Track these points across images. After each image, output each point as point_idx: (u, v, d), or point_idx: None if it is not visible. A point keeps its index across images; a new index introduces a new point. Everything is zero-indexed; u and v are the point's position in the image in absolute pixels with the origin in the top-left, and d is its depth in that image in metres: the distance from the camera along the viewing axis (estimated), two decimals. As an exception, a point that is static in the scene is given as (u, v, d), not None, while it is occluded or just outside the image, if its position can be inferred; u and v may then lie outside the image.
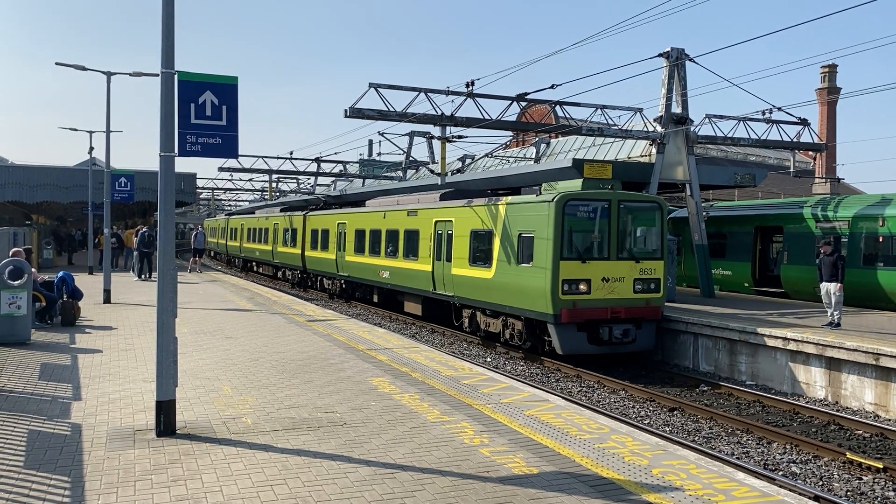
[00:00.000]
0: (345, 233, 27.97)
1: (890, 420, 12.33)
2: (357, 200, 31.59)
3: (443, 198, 21.44)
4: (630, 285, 16.08)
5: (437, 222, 20.67)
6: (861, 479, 9.41)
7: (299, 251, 33.67)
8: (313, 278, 33.16)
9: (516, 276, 16.83)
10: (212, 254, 64.32)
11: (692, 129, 22.38)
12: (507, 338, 17.78)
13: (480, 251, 18.45)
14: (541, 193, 17.12)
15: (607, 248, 16.00)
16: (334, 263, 28.95)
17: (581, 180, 16.59)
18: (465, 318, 19.63)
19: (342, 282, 28.98)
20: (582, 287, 15.67)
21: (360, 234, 26.48)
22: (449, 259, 19.77)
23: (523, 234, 16.63)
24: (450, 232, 19.89)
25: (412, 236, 22.12)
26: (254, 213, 46.87)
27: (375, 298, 25.84)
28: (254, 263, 45.35)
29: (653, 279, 16.31)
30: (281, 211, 39.50)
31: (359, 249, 26.39)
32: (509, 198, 17.72)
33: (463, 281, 19.08)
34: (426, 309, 21.90)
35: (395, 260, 23.20)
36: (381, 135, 35.02)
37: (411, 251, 22.13)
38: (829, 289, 15.26)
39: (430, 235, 20.82)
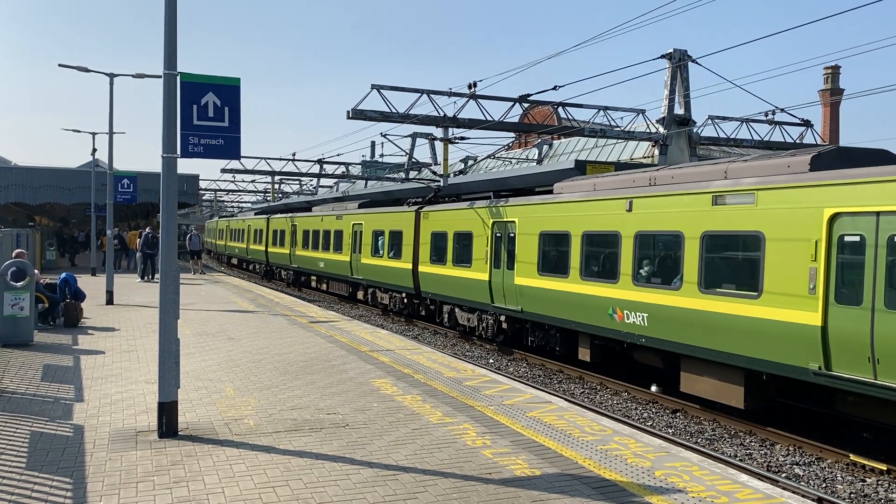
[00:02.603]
0: (512, 236, 17.03)
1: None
2: (522, 187, 18.95)
3: (817, 166, 10.48)
4: None
5: (838, 219, 9.63)
6: (865, 481, 9.38)
7: (408, 265, 22.19)
8: (433, 306, 21.84)
9: None
10: (234, 261, 53.98)
11: (695, 130, 22.38)
12: None
13: None
14: None
15: None
16: (486, 289, 17.86)
17: None
18: None
19: (500, 317, 17.84)
20: None
21: (554, 241, 15.59)
22: None
23: None
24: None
25: (734, 246, 11.29)
26: (311, 209, 35.75)
27: (587, 355, 14.86)
28: (312, 278, 34.30)
29: None
30: (361, 206, 28.22)
31: (552, 268, 15.48)
32: None
33: None
34: (758, 396, 11.24)
35: (664, 291, 12.29)
36: (384, 136, 35.05)
37: (726, 276, 11.41)
38: None
39: (818, 248, 9.79)
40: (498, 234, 17.55)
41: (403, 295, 23.11)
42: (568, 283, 14.81)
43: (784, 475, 9.53)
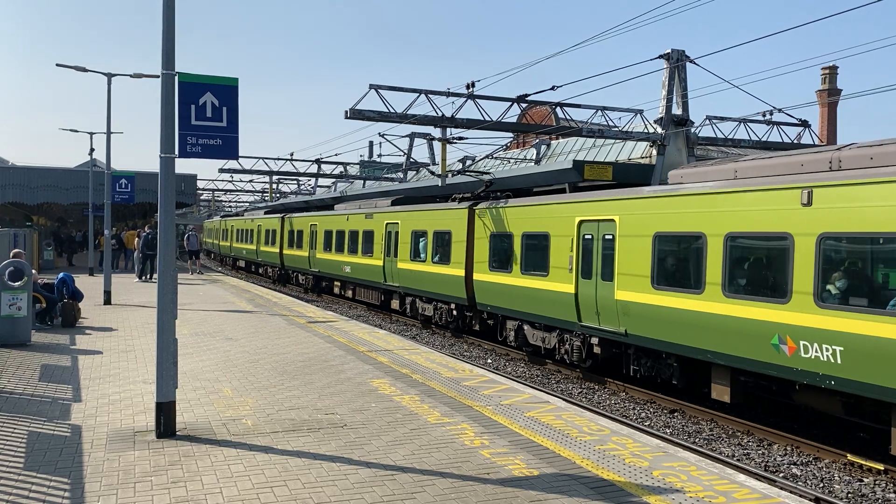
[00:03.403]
0: (610, 239, 13.69)
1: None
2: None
3: None
4: None
5: None
6: (862, 480, 9.40)
7: (459, 271, 18.95)
8: (491, 321, 18.59)
9: None
10: (241, 264, 49.50)
11: (693, 130, 22.39)
12: None
13: None
14: None
15: None
16: (572, 303, 14.64)
17: None
18: None
19: (590, 339, 14.50)
20: None
21: (677, 245, 12.30)
22: None
23: None
24: None
25: None
26: (332, 207, 31.67)
27: (725, 393, 11.51)
28: (335, 283, 30.19)
29: None
30: (395, 203, 24.90)
31: (675, 280, 12.22)
32: None
33: None
34: None
35: (873, 317, 9.02)
36: (382, 136, 35.06)
37: None
38: None
39: None
40: (588, 236, 14.19)
41: (452, 306, 19.75)
42: (702, 300, 11.38)
43: (782, 475, 9.54)
